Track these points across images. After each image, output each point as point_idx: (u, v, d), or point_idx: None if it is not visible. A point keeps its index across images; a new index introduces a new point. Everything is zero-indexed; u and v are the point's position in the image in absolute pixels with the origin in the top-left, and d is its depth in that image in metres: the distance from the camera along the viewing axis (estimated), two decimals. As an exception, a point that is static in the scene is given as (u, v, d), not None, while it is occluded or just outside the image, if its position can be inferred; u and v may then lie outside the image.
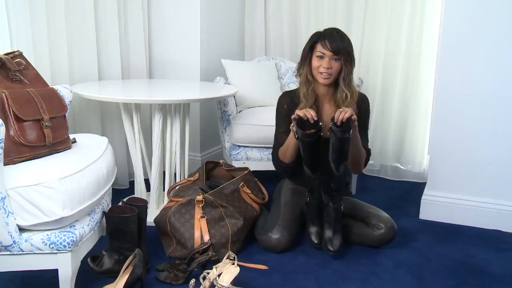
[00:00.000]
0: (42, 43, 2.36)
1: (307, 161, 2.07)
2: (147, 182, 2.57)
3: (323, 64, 2.09)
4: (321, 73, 2.10)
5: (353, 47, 2.15)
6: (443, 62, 2.49)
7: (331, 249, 2.07)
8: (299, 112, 2.01)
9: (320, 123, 2.01)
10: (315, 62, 2.11)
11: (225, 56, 3.18)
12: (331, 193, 2.11)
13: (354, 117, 1.98)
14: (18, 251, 1.53)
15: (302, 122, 2.01)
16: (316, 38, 2.11)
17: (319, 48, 2.09)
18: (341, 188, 2.12)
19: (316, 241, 2.12)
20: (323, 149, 2.17)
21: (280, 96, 2.30)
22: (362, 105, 2.23)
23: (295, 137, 2.02)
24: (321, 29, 2.17)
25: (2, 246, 1.50)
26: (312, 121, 2.00)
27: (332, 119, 2.00)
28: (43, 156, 1.71)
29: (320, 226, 2.14)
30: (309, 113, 2.00)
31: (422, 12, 3.04)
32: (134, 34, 2.95)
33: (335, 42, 2.07)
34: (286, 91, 2.34)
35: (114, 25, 2.76)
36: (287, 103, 2.23)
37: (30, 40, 2.27)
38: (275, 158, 2.26)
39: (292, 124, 2.03)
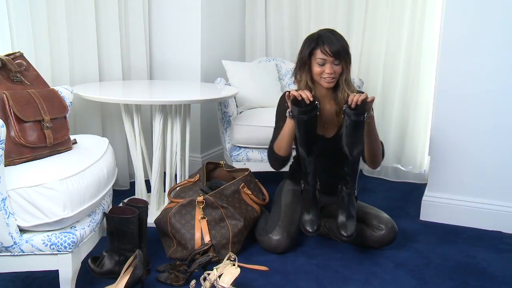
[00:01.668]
0: (43, 44, 2.36)
1: (302, 140, 2.02)
2: (147, 183, 2.57)
3: (326, 70, 2.06)
4: (324, 78, 2.09)
5: (354, 47, 2.14)
6: (444, 63, 2.48)
7: (344, 234, 2.02)
8: (294, 93, 1.98)
9: (316, 102, 1.98)
10: (316, 68, 2.08)
11: (226, 57, 3.18)
12: (345, 177, 2.08)
13: (370, 98, 1.96)
14: (19, 252, 1.54)
15: (297, 103, 1.98)
16: (315, 44, 2.07)
17: (319, 55, 2.05)
18: (355, 172, 2.09)
19: (310, 229, 2.06)
20: (326, 147, 2.16)
21: (282, 95, 2.30)
22: None
23: (289, 116, 2.01)
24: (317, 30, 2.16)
25: (3, 247, 1.50)
26: (307, 101, 1.96)
27: (346, 102, 1.98)
28: (44, 157, 1.71)
29: (315, 214, 2.09)
30: (305, 94, 1.97)
31: (422, 13, 3.04)
32: (135, 35, 2.95)
33: (334, 46, 2.04)
34: (289, 91, 2.34)
35: (115, 26, 2.76)
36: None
37: (31, 41, 2.28)
38: (270, 150, 2.22)
39: (288, 109, 2.02)
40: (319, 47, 2.05)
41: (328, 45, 2.04)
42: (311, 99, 1.97)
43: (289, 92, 2.02)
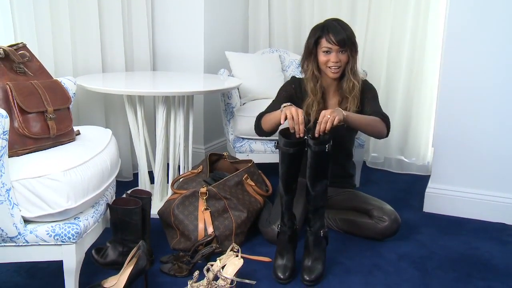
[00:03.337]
0: (46, 35, 2.36)
1: (283, 175, 1.85)
2: (151, 174, 2.57)
3: (332, 59, 2.06)
4: (330, 67, 2.08)
5: (358, 38, 2.13)
6: (448, 54, 2.47)
7: (307, 278, 1.83)
8: (289, 117, 1.81)
9: (305, 137, 1.81)
10: (322, 57, 2.09)
11: (229, 48, 3.17)
12: (308, 215, 1.94)
13: (336, 120, 1.78)
14: (23, 243, 1.54)
15: (286, 135, 1.82)
16: (320, 33, 2.08)
17: (325, 43, 2.06)
18: (318, 210, 1.89)
19: (281, 276, 1.84)
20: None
21: (289, 79, 2.30)
22: (364, 89, 2.19)
23: (275, 147, 1.85)
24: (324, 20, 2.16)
25: (8, 237, 1.51)
26: (297, 136, 1.81)
27: (310, 129, 1.81)
28: (47, 148, 1.71)
29: (289, 259, 1.89)
30: (298, 126, 1.80)
31: (427, 3, 3.02)
32: (138, 26, 2.95)
33: (339, 34, 2.04)
34: (296, 77, 2.33)
35: (118, 17, 2.76)
36: (295, 85, 2.23)
37: (34, 32, 2.27)
38: (258, 118, 2.16)
39: (283, 106, 1.89)
40: (325, 36, 2.06)
41: (333, 33, 2.04)
42: (302, 135, 1.80)
43: (288, 107, 1.85)
